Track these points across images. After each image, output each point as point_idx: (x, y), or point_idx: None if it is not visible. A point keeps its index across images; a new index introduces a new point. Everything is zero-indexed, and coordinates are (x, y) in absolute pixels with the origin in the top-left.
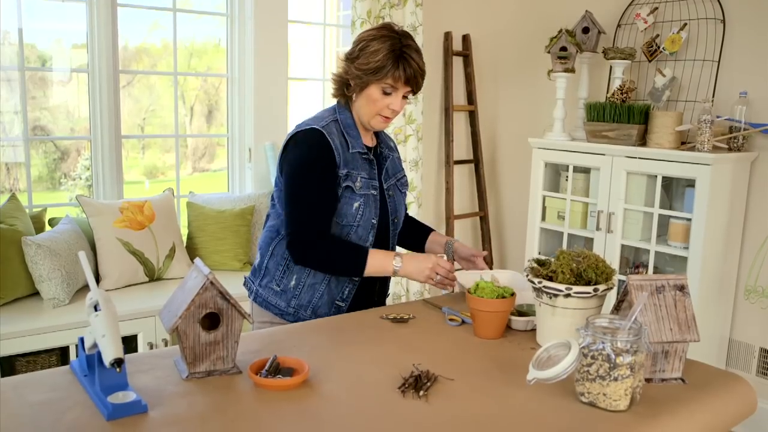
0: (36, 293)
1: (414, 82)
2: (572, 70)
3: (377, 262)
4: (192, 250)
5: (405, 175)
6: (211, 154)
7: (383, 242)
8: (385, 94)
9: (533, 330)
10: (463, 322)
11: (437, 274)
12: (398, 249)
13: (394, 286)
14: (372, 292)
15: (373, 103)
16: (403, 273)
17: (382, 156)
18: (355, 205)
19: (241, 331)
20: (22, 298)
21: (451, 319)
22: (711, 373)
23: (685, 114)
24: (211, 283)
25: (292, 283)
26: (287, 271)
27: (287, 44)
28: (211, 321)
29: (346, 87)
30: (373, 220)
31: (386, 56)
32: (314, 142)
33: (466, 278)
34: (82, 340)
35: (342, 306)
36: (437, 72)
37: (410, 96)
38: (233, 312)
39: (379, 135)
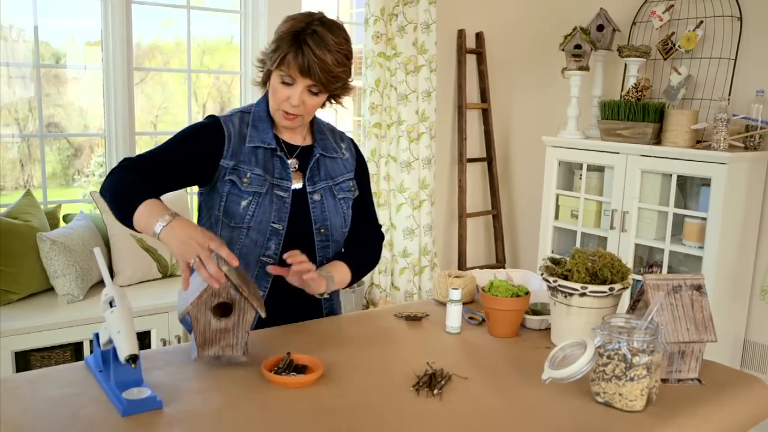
0: (50, 289)
1: (313, 73)
2: (587, 68)
3: (146, 213)
4: None
5: (351, 180)
6: None
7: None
8: (284, 84)
9: (547, 329)
10: (483, 321)
11: (202, 262)
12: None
13: (406, 284)
14: (287, 310)
15: (273, 94)
16: (164, 238)
17: (312, 155)
18: (243, 203)
19: (252, 322)
20: (37, 294)
21: (470, 318)
22: (728, 374)
23: (701, 112)
24: (226, 275)
25: None
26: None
27: None
28: (224, 309)
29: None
30: (274, 225)
31: (281, 38)
32: (206, 123)
33: (481, 277)
34: (97, 336)
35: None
36: (450, 70)
37: (334, 98)
38: (245, 304)
39: (318, 134)
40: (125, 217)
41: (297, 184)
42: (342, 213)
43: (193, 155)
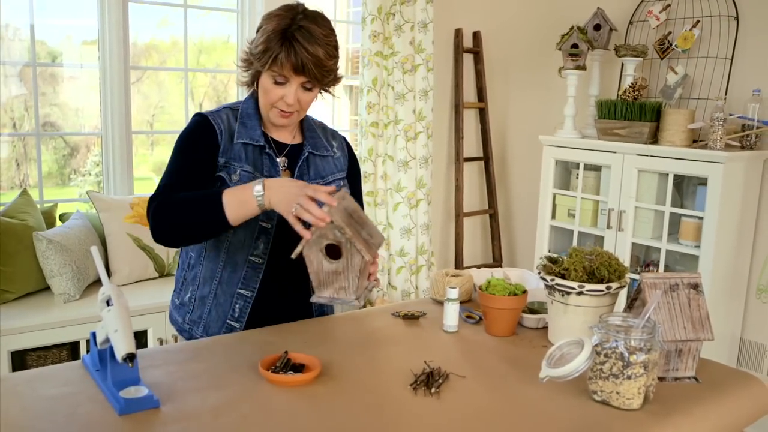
0: (47, 288)
1: (307, 70)
2: (583, 68)
3: (236, 198)
4: None
5: (342, 179)
6: None
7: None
8: (277, 83)
9: (545, 328)
10: (480, 319)
11: (303, 207)
12: None
13: (403, 284)
14: (277, 311)
15: (265, 94)
16: (269, 204)
17: (301, 154)
18: None
19: (362, 267)
20: (33, 293)
21: (468, 317)
22: (725, 372)
23: (698, 112)
24: (331, 221)
25: (188, 296)
26: (184, 283)
27: None
28: (335, 252)
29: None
30: (262, 223)
31: (269, 38)
32: (195, 123)
33: (478, 276)
34: (94, 335)
35: (236, 327)
36: (447, 69)
37: (325, 89)
38: (351, 247)
39: (308, 132)
40: (220, 219)
41: None
42: None
43: (201, 161)
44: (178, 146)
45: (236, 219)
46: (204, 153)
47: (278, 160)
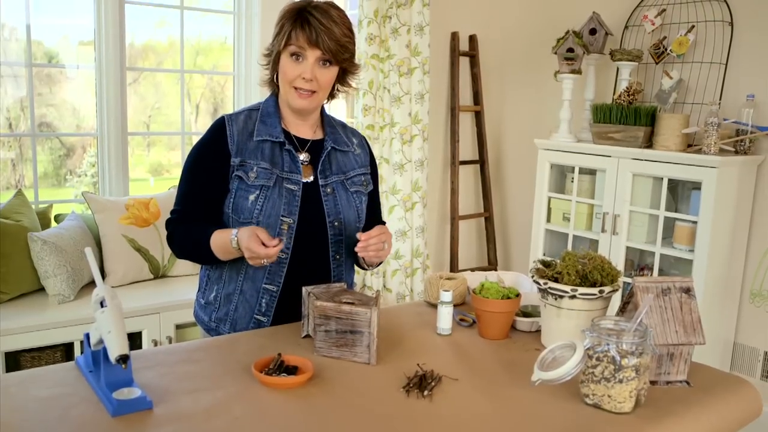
0: (41, 289)
1: (321, 42)
2: (579, 72)
3: (220, 240)
4: None
5: (364, 174)
6: None
7: (318, 248)
8: (295, 59)
9: (538, 331)
10: (474, 322)
11: (253, 250)
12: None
13: (398, 286)
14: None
15: (284, 75)
16: (241, 245)
17: (323, 149)
18: (251, 197)
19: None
20: (28, 294)
21: (461, 320)
22: (716, 377)
23: (692, 116)
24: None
25: (213, 295)
26: (209, 282)
27: None
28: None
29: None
30: (283, 218)
31: (284, 16)
32: (213, 127)
33: (472, 279)
34: (87, 336)
35: (263, 321)
36: (443, 72)
37: (344, 81)
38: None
39: (328, 128)
40: (210, 257)
41: (308, 178)
42: (355, 207)
43: (211, 180)
44: (192, 160)
45: (225, 258)
46: (213, 169)
47: (300, 156)
